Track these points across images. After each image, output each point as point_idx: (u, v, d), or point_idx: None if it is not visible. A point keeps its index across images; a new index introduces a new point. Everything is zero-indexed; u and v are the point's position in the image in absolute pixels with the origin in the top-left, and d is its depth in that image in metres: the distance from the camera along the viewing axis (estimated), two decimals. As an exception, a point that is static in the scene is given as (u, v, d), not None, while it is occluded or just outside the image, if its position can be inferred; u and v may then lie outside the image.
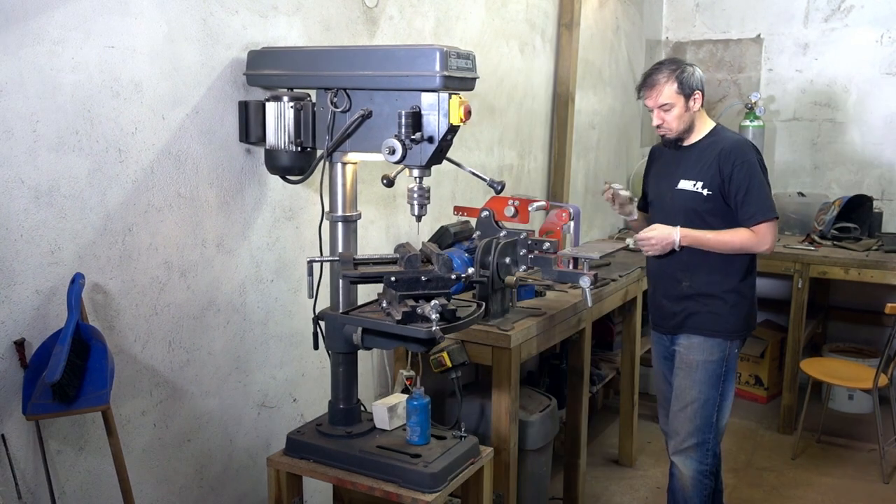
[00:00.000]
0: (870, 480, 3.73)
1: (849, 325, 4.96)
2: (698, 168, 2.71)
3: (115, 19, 1.94)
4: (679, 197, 2.74)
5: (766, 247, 2.67)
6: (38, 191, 1.81)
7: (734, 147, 2.67)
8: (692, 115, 2.74)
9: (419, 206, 2.10)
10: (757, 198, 2.63)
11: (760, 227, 2.64)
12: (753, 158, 2.66)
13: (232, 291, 2.35)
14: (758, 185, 2.64)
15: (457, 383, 2.65)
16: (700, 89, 2.72)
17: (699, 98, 2.72)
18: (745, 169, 2.63)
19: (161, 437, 2.19)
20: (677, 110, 2.70)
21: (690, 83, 2.69)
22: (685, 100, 2.70)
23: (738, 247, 2.68)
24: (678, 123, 2.72)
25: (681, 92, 2.68)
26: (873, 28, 4.67)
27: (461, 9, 3.27)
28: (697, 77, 2.71)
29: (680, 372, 2.80)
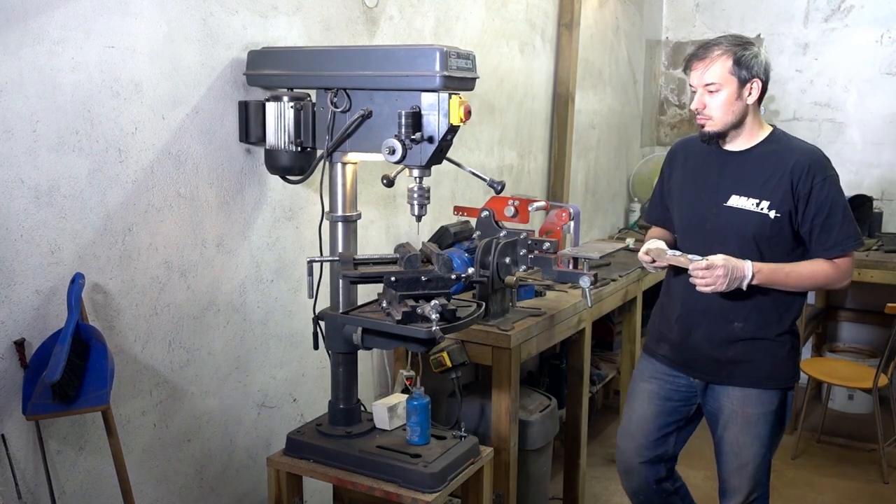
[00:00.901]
0: (870, 480, 3.73)
1: (849, 325, 4.96)
2: (761, 182, 2.20)
3: (115, 19, 1.94)
4: (731, 217, 2.23)
5: (847, 282, 2.25)
6: (38, 191, 1.81)
7: (814, 160, 2.18)
8: (745, 107, 2.21)
9: (419, 206, 2.10)
10: (843, 223, 2.18)
11: (844, 259, 2.21)
12: (835, 175, 2.20)
13: (232, 291, 2.35)
14: (843, 208, 2.19)
15: (457, 383, 2.65)
16: (761, 78, 2.19)
17: (758, 88, 2.19)
18: (828, 187, 2.16)
19: (161, 437, 2.19)
20: (726, 95, 2.18)
21: (751, 66, 2.17)
22: (739, 85, 2.18)
23: (821, 283, 2.26)
24: (724, 113, 2.20)
25: (735, 73, 2.17)
26: (873, 28, 4.67)
27: (461, 9, 3.27)
28: (762, 62, 2.19)
29: (733, 426, 2.36)
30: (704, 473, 3.75)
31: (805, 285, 2.24)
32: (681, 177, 2.40)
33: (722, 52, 2.17)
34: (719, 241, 2.23)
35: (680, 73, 5.31)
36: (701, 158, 2.34)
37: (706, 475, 3.73)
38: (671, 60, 5.33)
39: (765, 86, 2.20)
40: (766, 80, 2.20)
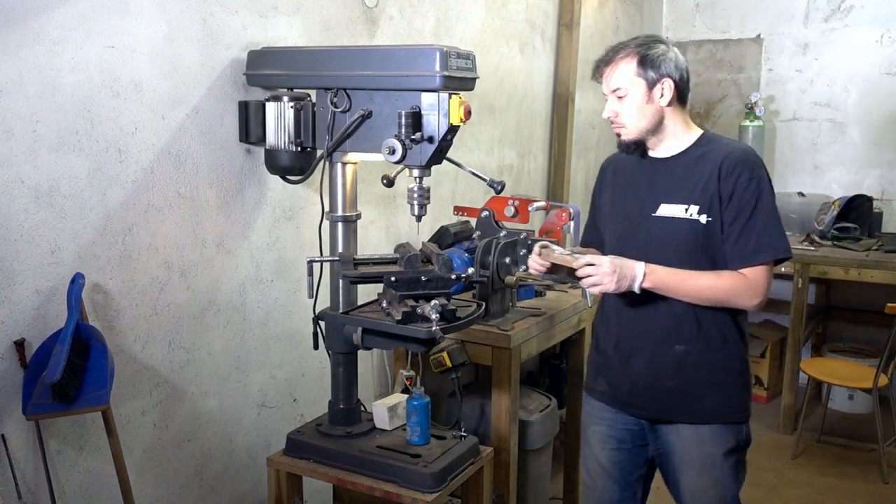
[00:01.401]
0: (870, 480, 3.72)
1: (849, 325, 4.96)
2: (690, 187, 1.97)
3: (115, 19, 1.94)
4: (663, 227, 2.00)
5: (758, 300, 1.94)
6: (38, 191, 1.81)
7: (742, 158, 1.95)
8: (659, 109, 1.99)
9: (419, 206, 2.10)
10: (765, 228, 1.92)
11: (757, 270, 1.92)
12: (766, 175, 1.96)
13: (232, 291, 2.35)
14: (767, 212, 1.92)
15: (457, 383, 2.65)
16: (672, 77, 1.97)
17: (671, 88, 1.97)
18: (753, 187, 1.92)
19: (161, 437, 2.19)
20: (635, 99, 1.98)
21: (657, 65, 1.96)
22: (647, 86, 1.98)
23: (723, 297, 1.95)
24: (637, 119, 2.00)
25: (642, 75, 1.97)
26: (873, 28, 4.67)
27: (461, 9, 3.27)
28: (672, 60, 1.98)
29: (689, 470, 2.10)
30: (704, 473, 3.75)
31: (703, 296, 1.95)
32: (610, 193, 2.18)
33: (626, 54, 1.99)
34: (654, 254, 1.98)
35: (680, 73, 5.30)
36: (630, 171, 2.12)
37: (706, 475, 3.74)
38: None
39: (680, 85, 1.99)
40: (679, 79, 1.99)
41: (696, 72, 5.24)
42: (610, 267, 1.91)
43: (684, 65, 2.02)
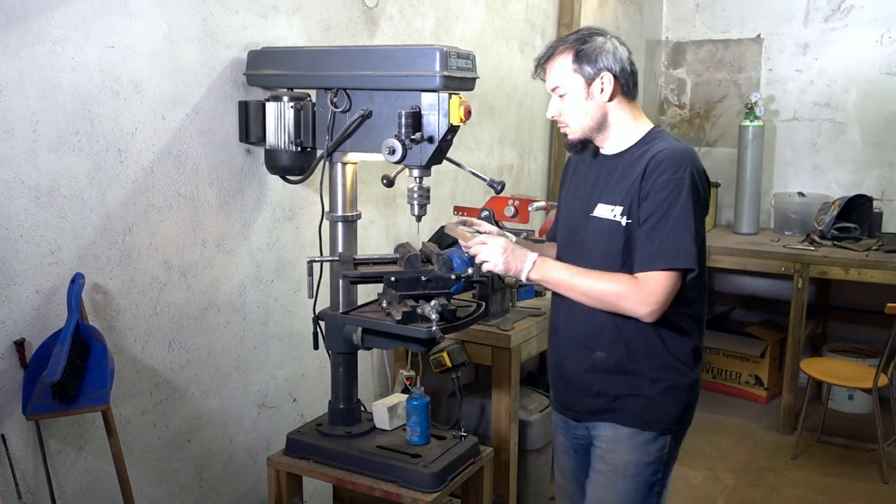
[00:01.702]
0: (870, 480, 3.72)
1: (849, 325, 4.95)
2: (621, 187, 1.87)
3: (115, 19, 1.94)
4: (594, 228, 1.91)
5: (648, 309, 1.77)
6: (38, 191, 1.81)
7: (669, 156, 1.80)
8: (601, 106, 1.88)
9: (419, 206, 2.10)
10: (671, 233, 1.76)
11: (650, 276, 1.77)
12: (687, 178, 1.78)
13: (232, 291, 2.35)
14: (676, 217, 1.76)
15: (457, 383, 2.65)
16: (611, 70, 1.85)
17: (611, 82, 1.85)
18: (671, 189, 1.77)
19: (161, 437, 2.19)
20: (574, 96, 1.88)
21: (595, 59, 1.84)
22: (586, 82, 1.86)
23: (610, 301, 1.81)
24: (578, 117, 1.90)
25: (579, 70, 1.86)
26: (873, 28, 4.67)
27: (461, 9, 3.27)
28: (610, 52, 1.85)
29: (600, 477, 1.98)
30: (704, 474, 3.75)
31: (590, 298, 1.84)
32: (566, 190, 2.10)
33: (562, 50, 1.88)
34: (586, 255, 1.91)
35: (680, 73, 5.31)
36: (584, 168, 2.02)
37: (706, 475, 3.74)
38: (671, 60, 5.33)
39: (621, 78, 1.87)
40: (620, 71, 1.86)
41: (696, 72, 5.24)
42: (501, 248, 1.87)
43: (626, 55, 1.88)
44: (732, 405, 4.63)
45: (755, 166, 4.69)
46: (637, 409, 1.93)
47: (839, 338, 4.96)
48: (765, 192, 4.88)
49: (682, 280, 1.79)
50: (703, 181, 1.82)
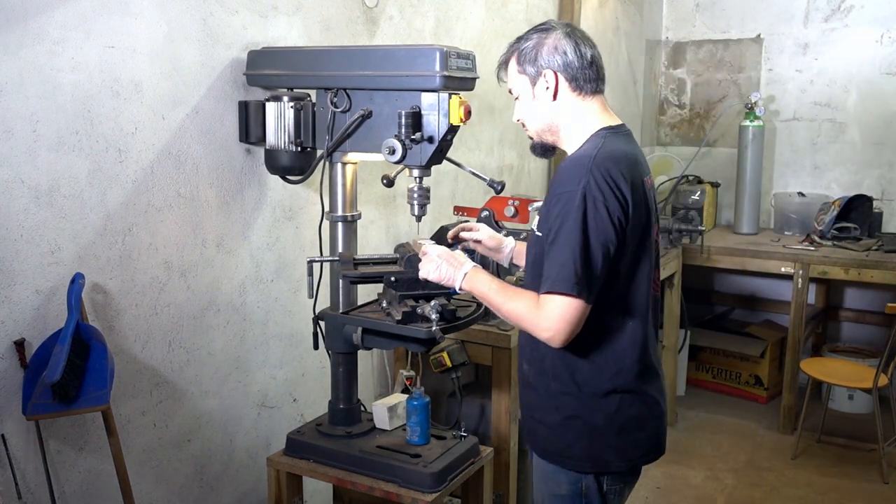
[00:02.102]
0: (870, 480, 3.72)
1: (849, 325, 4.96)
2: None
3: (115, 19, 1.94)
4: (530, 240, 1.84)
5: (548, 334, 1.60)
6: (38, 191, 1.81)
7: (569, 164, 1.66)
8: (550, 108, 1.74)
9: (419, 206, 2.10)
10: (558, 254, 1.60)
11: (546, 298, 1.61)
12: (579, 192, 1.59)
13: (232, 291, 2.35)
14: (563, 236, 1.59)
15: (457, 383, 2.65)
16: (553, 67, 1.71)
17: (554, 81, 1.71)
18: (563, 204, 1.61)
19: (161, 437, 2.19)
20: (524, 100, 1.78)
21: (535, 58, 1.72)
22: (531, 84, 1.75)
23: (518, 318, 1.68)
24: (531, 120, 1.79)
25: (523, 71, 1.75)
26: (873, 28, 4.67)
27: (461, 9, 3.27)
28: (551, 49, 1.71)
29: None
30: (704, 473, 3.75)
31: (502, 314, 1.73)
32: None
33: (511, 53, 1.79)
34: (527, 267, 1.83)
35: (680, 73, 5.31)
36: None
37: (706, 475, 3.74)
38: (671, 60, 5.33)
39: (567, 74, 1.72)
40: (564, 67, 1.71)
41: (696, 72, 5.24)
42: (435, 259, 1.82)
43: (572, 49, 1.71)
44: (732, 405, 4.63)
45: (755, 166, 4.69)
46: (542, 434, 1.79)
47: (839, 338, 4.96)
48: (765, 192, 4.88)
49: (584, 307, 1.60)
50: (607, 190, 1.59)
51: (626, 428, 1.73)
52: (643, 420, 1.75)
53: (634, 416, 1.74)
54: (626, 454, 1.75)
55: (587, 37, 1.77)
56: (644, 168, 1.76)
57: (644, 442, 1.77)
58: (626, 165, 1.65)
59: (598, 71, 1.76)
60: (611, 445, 1.73)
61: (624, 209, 1.62)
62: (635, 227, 1.66)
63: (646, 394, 1.75)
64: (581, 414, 1.72)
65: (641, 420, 1.75)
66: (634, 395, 1.73)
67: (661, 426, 1.81)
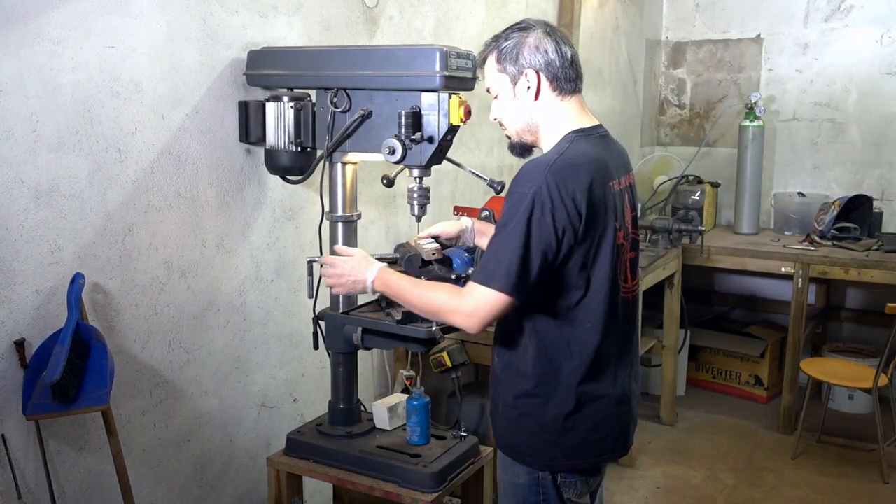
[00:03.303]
0: (870, 480, 3.72)
1: (849, 325, 4.96)
2: None
3: (115, 19, 1.94)
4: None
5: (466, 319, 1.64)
6: (38, 191, 1.81)
7: (524, 168, 1.66)
8: (530, 107, 1.73)
9: (419, 206, 2.10)
10: (496, 250, 1.62)
11: (473, 285, 1.63)
12: (530, 195, 1.59)
13: (232, 291, 2.35)
14: (507, 234, 1.60)
15: (457, 383, 2.65)
16: (535, 67, 1.70)
17: (535, 80, 1.70)
18: (511, 204, 1.62)
19: (161, 437, 2.19)
20: (504, 99, 1.77)
21: (516, 57, 1.70)
22: (511, 83, 1.74)
23: (438, 310, 1.71)
24: (510, 120, 1.78)
25: (503, 70, 1.73)
26: (873, 28, 4.67)
27: (461, 9, 3.27)
28: (533, 48, 1.69)
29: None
30: (704, 473, 3.75)
31: (419, 307, 1.76)
32: None
33: (490, 50, 1.76)
34: None
35: (680, 73, 5.31)
36: None
37: (706, 475, 3.74)
38: (671, 60, 5.33)
39: (547, 74, 1.70)
40: (546, 67, 1.70)
41: (696, 72, 5.24)
42: (340, 269, 1.88)
43: (552, 48, 1.70)
44: (732, 405, 4.63)
45: (755, 166, 4.69)
46: (500, 428, 1.82)
47: (839, 338, 4.96)
48: (765, 192, 4.88)
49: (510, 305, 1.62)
50: (557, 198, 1.58)
51: (577, 429, 1.73)
52: (596, 422, 1.75)
53: (585, 418, 1.73)
54: (576, 455, 1.76)
55: (566, 36, 1.76)
56: (613, 171, 1.73)
57: (597, 444, 1.76)
58: (585, 171, 1.64)
59: (577, 70, 1.75)
60: (558, 445, 1.74)
61: (572, 217, 1.61)
62: (590, 233, 1.65)
63: (600, 396, 1.74)
64: (534, 412, 1.74)
65: (593, 422, 1.74)
66: (587, 397, 1.72)
67: (617, 428, 1.79)
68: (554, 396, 1.72)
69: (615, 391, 1.76)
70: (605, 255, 1.68)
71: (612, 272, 1.70)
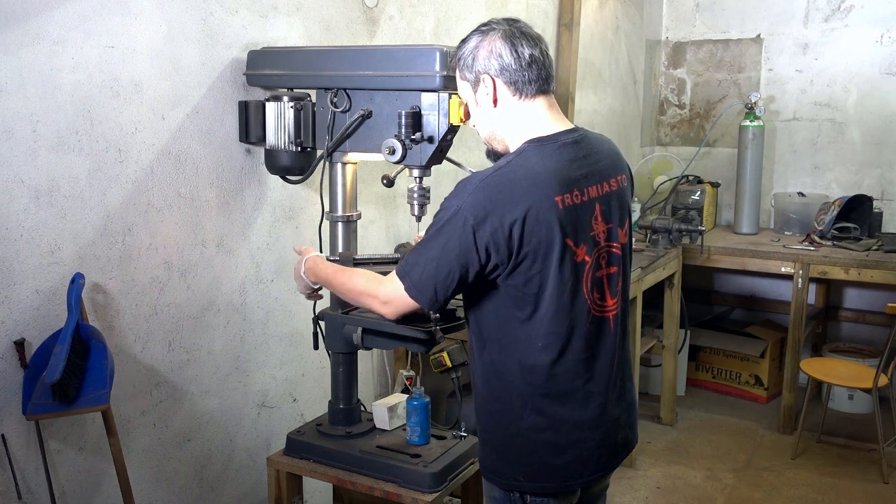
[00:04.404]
0: (870, 480, 3.72)
1: (849, 325, 4.96)
2: None
3: (115, 19, 1.94)
4: None
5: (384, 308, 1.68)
6: (38, 191, 1.81)
7: (460, 182, 1.67)
8: (492, 113, 1.68)
9: (419, 206, 2.10)
10: (419, 255, 1.61)
11: (392, 279, 1.65)
12: (455, 207, 1.60)
13: (232, 291, 2.35)
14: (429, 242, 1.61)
15: (457, 383, 2.64)
16: (490, 72, 1.64)
17: (491, 85, 1.65)
18: (440, 213, 1.63)
19: (161, 437, 2.19)
20: (471, 106, 1.74)
21: (471, 64, 1.66)
22: (472, 89, 1.69)
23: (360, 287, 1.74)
24: (479, 126, 1.74)
25: (464, 77, 1.69)
26: (873, 28, 4.67)
27: (461, 9, 3.27)
28: (487, 52, 1.63)
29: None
30: (704, 473, 3.75)
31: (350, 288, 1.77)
32: None
33: (453, 57, 1.75)
34: None
35: (680, 73, 5.31)
36: None
37: (706, 475, 3.74)
38: (671, 60, 5.33)
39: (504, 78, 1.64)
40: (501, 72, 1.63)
41: (696, 72, 5.24)
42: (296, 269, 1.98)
43: (509, 51, 1.62)
44: (732, 405, 4.63)
45: (755, 166, 4.69)
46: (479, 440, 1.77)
47: (839, 338, 4.96)
48: (765, 192, 4.88)
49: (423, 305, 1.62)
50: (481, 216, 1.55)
51: (536, 453, 1.65)
52: (557, 446, 1.65)
53: (545, 442, 1.65)
54: (539, 477, 1.66)
55: (530, 34, 1.66)
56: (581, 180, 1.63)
57: (561, 468, 1.66)
58: (521, 189, 1.56)
59: (539, 70, 1.65)
60: (520, 464, 1.67)
61: (497, 237, 1.54)
62: (527, 252, 1.56)
63: (562, 420, 1.64)
64: (492, 429, 1.70)
65: (554, 446, 1.65)
66: (546, 420, 1.64)
67: (587, 453, 1.68)
68: (507, 415, 1.65)
69: (585, 415, 1.66)
70: (552, 275, 1.58)
71: (571, 292, 1.60)
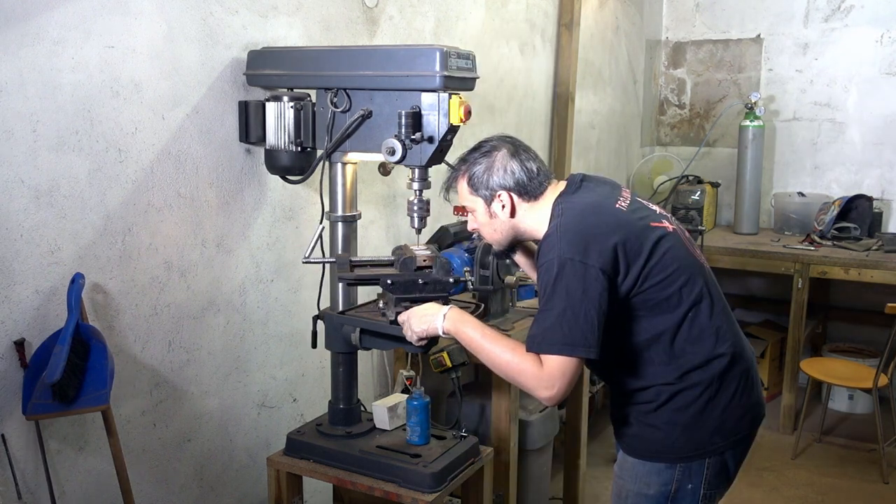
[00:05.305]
0: (870, 480, 3.72)
1: (849, 325, 4.96)
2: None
3: (115, 19, 1.94)
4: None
5: (548, 393, 1.66)
6: (38, 191, 1.81)
7: (545, 237, 1.74)
8: (508, 223, 1.84)
9: (419, 218, 2.10)
10: (545, 315, 1.66)
11: (549, 360, 1.65)
12: (555, 260, 1.66)
13: (232, 291, 2.35)
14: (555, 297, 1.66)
15: (457, 383, 2.64)
16: (506, 187, 1.81)
17: (508, 199, 1.81)
18: (544, 272, 1.69)
19: (161, 437, 2.19)
20: (481, 217, 1.87)
21: (487, 182, 1.81)
22: (486, 204, 1.84)
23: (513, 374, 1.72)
24: (490, 234, 1.89)
25: (476, 194, 1.84)
26: (873, 28, 4.67)
27: (461, 9, 3.27)
28: (500, 168, 1.81)
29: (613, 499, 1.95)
30: (704, 473, 3.75)
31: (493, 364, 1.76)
32: None
33: (460, 176, 1.87)
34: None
35: (680, 73, 5.31)
36: None
37: (706, 475, 3.73)
38: (671, 60, 5.33)
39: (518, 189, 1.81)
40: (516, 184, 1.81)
41: (696, 72, 5.24)
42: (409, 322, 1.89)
43: (519, 168, 1.82)
44: (732, 405, 4.62)
45: (755, 166, 4.69)
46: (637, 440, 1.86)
47: (839, 338, 4.96)
48: (765, 192, 4.88)
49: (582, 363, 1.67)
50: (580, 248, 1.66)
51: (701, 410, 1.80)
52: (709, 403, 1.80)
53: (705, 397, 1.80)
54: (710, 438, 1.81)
55: (526, 147, 1.89)
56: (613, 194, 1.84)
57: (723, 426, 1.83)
58: (594, 215, 1.75)
59: (544, 174, 1.86)
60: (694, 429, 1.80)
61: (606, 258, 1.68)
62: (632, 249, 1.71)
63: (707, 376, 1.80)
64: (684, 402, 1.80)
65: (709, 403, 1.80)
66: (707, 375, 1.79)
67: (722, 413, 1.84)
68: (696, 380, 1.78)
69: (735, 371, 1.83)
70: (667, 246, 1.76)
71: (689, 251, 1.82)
